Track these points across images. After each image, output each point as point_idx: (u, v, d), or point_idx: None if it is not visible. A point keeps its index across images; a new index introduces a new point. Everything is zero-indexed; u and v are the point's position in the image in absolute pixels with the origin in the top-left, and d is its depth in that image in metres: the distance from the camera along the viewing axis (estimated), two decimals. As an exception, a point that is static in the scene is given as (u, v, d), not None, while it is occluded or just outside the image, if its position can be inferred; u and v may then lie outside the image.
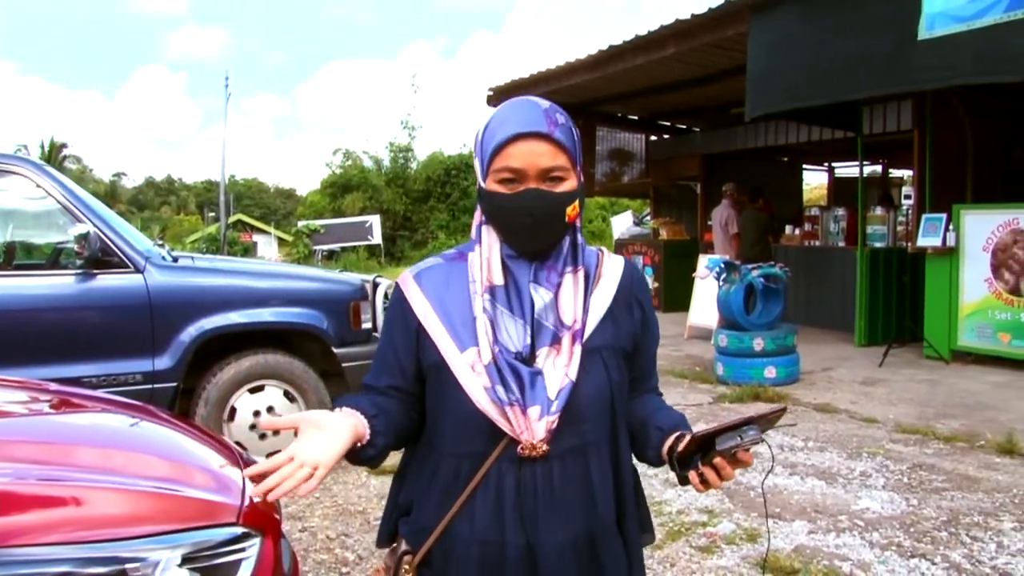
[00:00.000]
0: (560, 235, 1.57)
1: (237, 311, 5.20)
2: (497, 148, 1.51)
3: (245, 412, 5.20)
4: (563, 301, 1.56)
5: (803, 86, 8.10)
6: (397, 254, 32.56)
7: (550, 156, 1.51)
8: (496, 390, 1.48)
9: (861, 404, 7.17)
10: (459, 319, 1.55)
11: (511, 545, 1.51)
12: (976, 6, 6.58)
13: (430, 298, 1.59)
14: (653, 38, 9.95)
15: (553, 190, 1.52)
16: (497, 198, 1.52)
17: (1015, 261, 8.34)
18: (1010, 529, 4.23)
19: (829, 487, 4.97)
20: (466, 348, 1.52)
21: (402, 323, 1.61)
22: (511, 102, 1.59)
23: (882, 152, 15.43)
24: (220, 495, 2.15)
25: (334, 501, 4.96)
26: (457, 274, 1.60)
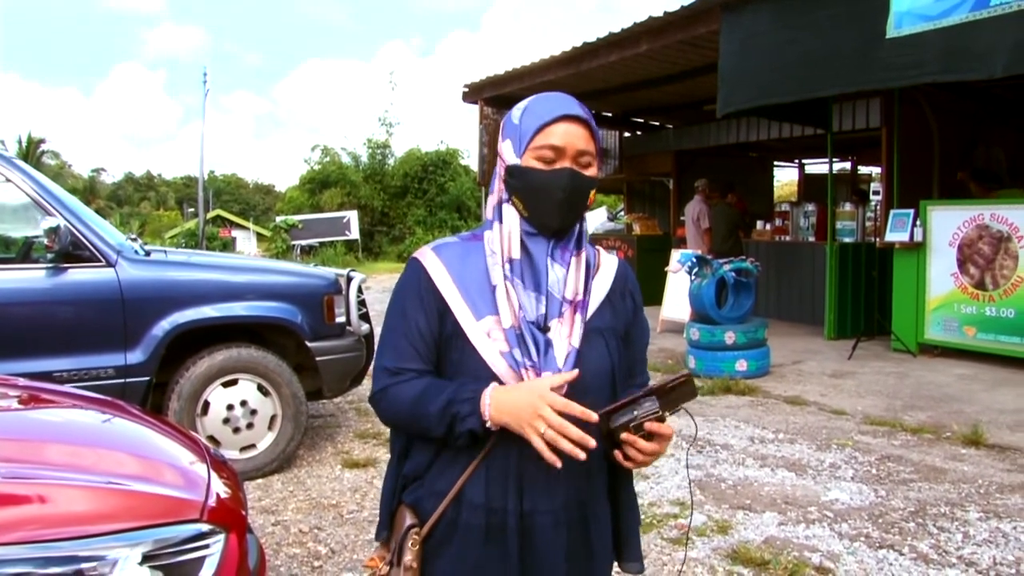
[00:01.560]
0: (580, 215, 1.71)
1: (210, 305, 5.16)
2: (542, 126, 1.63)
3: (218, 406, 5.17)
4: (570, 278, 1.67)
5: (774, 83, 8.16)
6: (375, 249, 32.64)
7: (585, 140, 1.65)
8: (513, 354, 1.59)
9: (830, 396, 7.24)
10: (476, 289, 1.65)
11: (512, 513, 1.60)
12: (942, 5, 6.66)
13: (449, 269, 1.68)
14: (627, 35, 9.99)
15: (584, 172, 1.66)
16: (534, 173, 1.63)
17: (980, 256, 8.47)
18: (976, 519, 4.30)
19: (799, 479, 5.03)
20: (482, 316, 1.62)
21: (419, 300, 1.68)
22: (548, 93, 1.72)
23: (851, 149, 15.59)
24: (183, 491, 2.12)
25: (307, 495, 4.95)
26: (473, 250, 1.70)
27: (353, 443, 5.97)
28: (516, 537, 1.60)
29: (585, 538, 1.69)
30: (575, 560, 1.67)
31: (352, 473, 5.29)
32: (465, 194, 34.67)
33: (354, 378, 5.86)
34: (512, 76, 12.74)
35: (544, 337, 1.61)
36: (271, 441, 5.32)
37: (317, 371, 5.49)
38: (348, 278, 5.93)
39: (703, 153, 14.63)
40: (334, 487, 5.06)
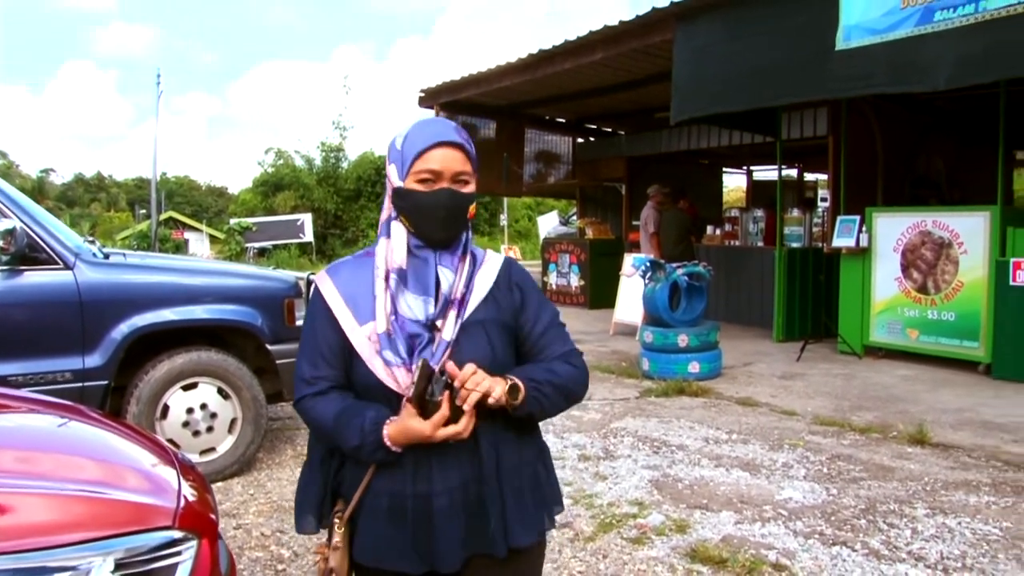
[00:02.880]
0: (462, 228, 1.91)
1: (170, 308, 5.14)
2: (420, 152, 1.83)
3: (178, 410, 5.15)
4: (457, 281, 1.89)
5: (726, 93, 8.34)
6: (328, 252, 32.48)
7: (461, 162, 1.86)
8: (384, 354, 1.82)
9: (781, 397, 7.41)
10: (361, 300, 1.87)
11: (410, 496, 1.83)
12: (889, 20, 6.89)
13: (338, 286, 1.91)
14: (582, 43, 10.11)
15: (461, 191, 1.87)
16: (416, 195, 1.85)
17: (923, 261, 8.74)
18: (923, 515, 4.46)
19: (753, 478, 5.15)
20: (364, 323, 1.85)
21: (324, 315, 1.91)
22: (425, 120, 1.94)
23: (798, 156, 15.93)
24: (154, 497, 2.07)
25: (268, 498, 4.95)
26: (363, 266, 1.92)
27: (313, 446, 5.98)
28: (416, 515, 1.82)
29: (481, 510, 1.86)
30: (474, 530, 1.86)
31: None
32: (418, 197, 34.70)
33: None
34: (468, 81, 12.82)
35: (426, 335, 1.83)
36: (231, 444, 5.32)
37: (277, 374, 5.49)
38: (308, 281, 5.94)
39: (655, 159, 14.83)
40: (295, 489, 5.05)
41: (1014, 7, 6.11)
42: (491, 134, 15.57)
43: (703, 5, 8.34)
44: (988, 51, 6.30)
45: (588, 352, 9.75)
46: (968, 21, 6.39)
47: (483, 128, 15.42)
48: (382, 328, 1.83)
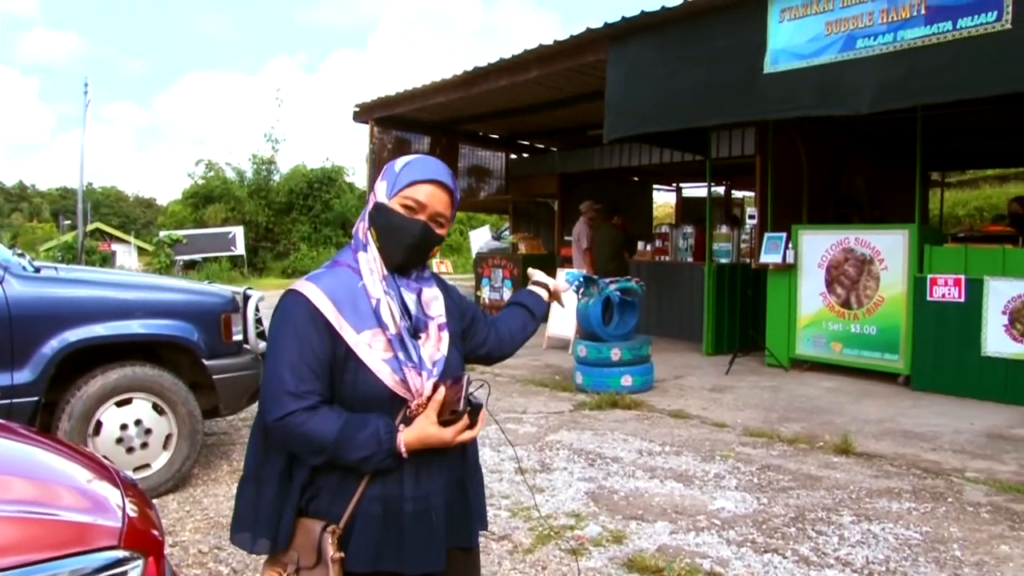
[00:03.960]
0: (422, 261, 2.03)
1: (103, 323, 5.07)
2: (414, 181, 1.96)
3: (112, 426, 5.07)
4: (426, 300, 2.02)
5: (658, 112, 8.52)
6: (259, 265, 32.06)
7: (445, 205, 1.99)
8: (398, 356, 1.87)
9: (711, 410, 7.57)
10: (351, 308, 1.88)
11: (407, 499, 1.89)
12: (814, 45, 7.15)
13: (328, 294, 1.89)
14: (517, 61, 10.22)
15: (435, 230, 1.99)
16: (395, 216, 1.95)
17: (846, 277, 9.04)
18: (849, 523, 4.63)
19: (687, 489, 5.27)
20: (362, 330, 1.87)
21: (311, 325, 1.87)
22: (428, 157, 2.07)
23: (726, 174, 16.28)
24: (97, 516, 2.00)
25: (205, 514, 4.90)
26: (341, 275, 1.95)
27: (250, 462, 5.93)
28: (413, 516, 1.89)
29: (465, 505, 2.04)
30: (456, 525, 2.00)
31: (250, 492, 5.26)
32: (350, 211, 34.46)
33: (251, 396, 5.84)
34: (403, 97, 12.84)
35: (416, 342, 1.93)
36: (166, 460, 5.26)
37: (213, 389, 5.45)
38: (245, 296, 5.91)
39: (587, 176, 15.03)
40: (232, 505, 5.00)
41: (929, 37, 6.41)
42: (425, 149, 15.60)
43: (635, 27, 8.52)
44: (906, 77, 6.59)
45: (522, 366, 9.84)
46: (888, 49, 6.68)
47: (417, 143, 15.43)
48: (393, 330, 1.88)
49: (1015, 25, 5.94)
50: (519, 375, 9.38)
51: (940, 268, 8.22)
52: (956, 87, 6.43)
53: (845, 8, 7.00)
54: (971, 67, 6.23)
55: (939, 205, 17.82)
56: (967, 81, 6.32)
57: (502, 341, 2.33)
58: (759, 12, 7.57)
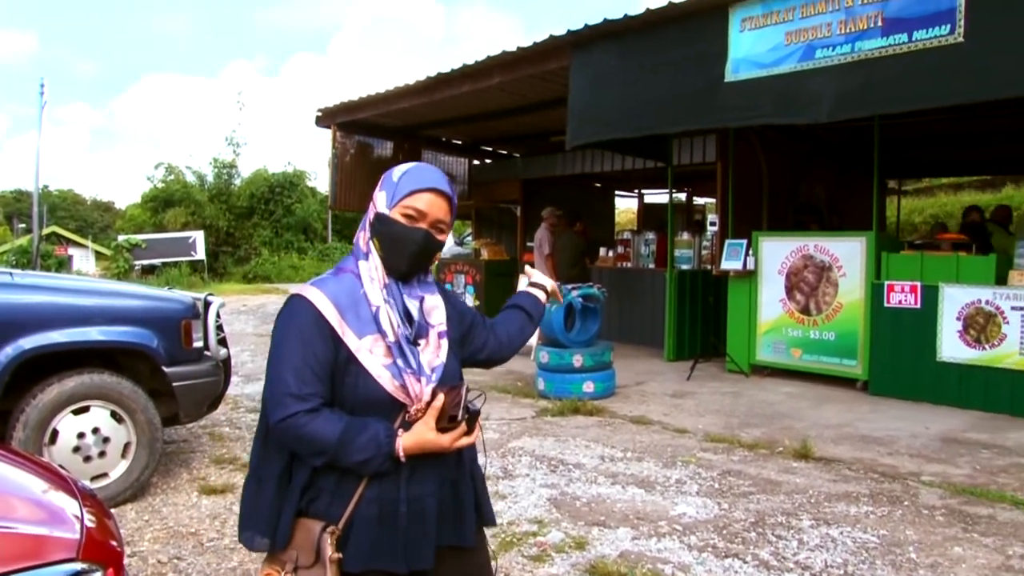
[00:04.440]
0: (425, 268, 2.08)
1: (60, 330, 4.97)
2: (413, 190, 2.00)
3: (68, 434, 4.97)
4: (427, 308, 2.06)
5: (620, 119, 8.57)
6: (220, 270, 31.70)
7: (444, 212, 2.04)
8: (397, 363, 1.92)
9: (673, 416, 7.62)
10: (353, 314, 1.94)
11: (402, 500, 1.94)
12: (774, 55, 7.25)
13: (331, 299, 1.94)
14: (480, 68, 10.22)
15: (436, 236, 2.04)
16: (397, 225, 1.99)
17: (805, 284, 9.15)
18: (808, 527, 4.68)
19: (648, 495, 5.30)
20: (363, 336, 1.92)
21: (315, 329, 1.92)
22: (425, 165, 2.11)
23: (687, 180, 16.37)
24: (54, 528, 1.98)
25: (164, 523, 4.83)
26: (344, 282, 1.99)
27: (209, 469, 5.87)
28: (408, 517, 1.94)
29: (456, 506, 2.06)
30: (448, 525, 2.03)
31: (210, 500, 5.21)
32: (312, 216, 34.27)
33: (211, 403, 5.79)
34: (366, 102, 12.80)
35: (415, 349, 1.98)
36: (124, 469, 5.17)
37: (173, 396, 5.37)
38: (206, 302, 5.84)
39: (549, 182, 15.06)
40: (192, 515, 4.96)
41: (885, 48, 6.53)
42: (387, 154, 15.56)
43: (598, 34, 8.57)
44: (864, 88, 6.70)
45: (484, 373, 9.81)
46: (846, 59, 6.78)
47: (379, 148, 15.39)
48: (391, 337, 1.93)
49: (967, 38, 6.08)
50: (481, 381, 9.37)
51: (897, 275, 8.35)
52: (912, 98, 6.55)
53: (804, 19, 7.10)
54: (926, 78, 6.35)
55: (896, 212, 18.09)
56: (922, 92, 6.44)
57: (501, 345, 2.35)
58: (720, 21, 7.66)
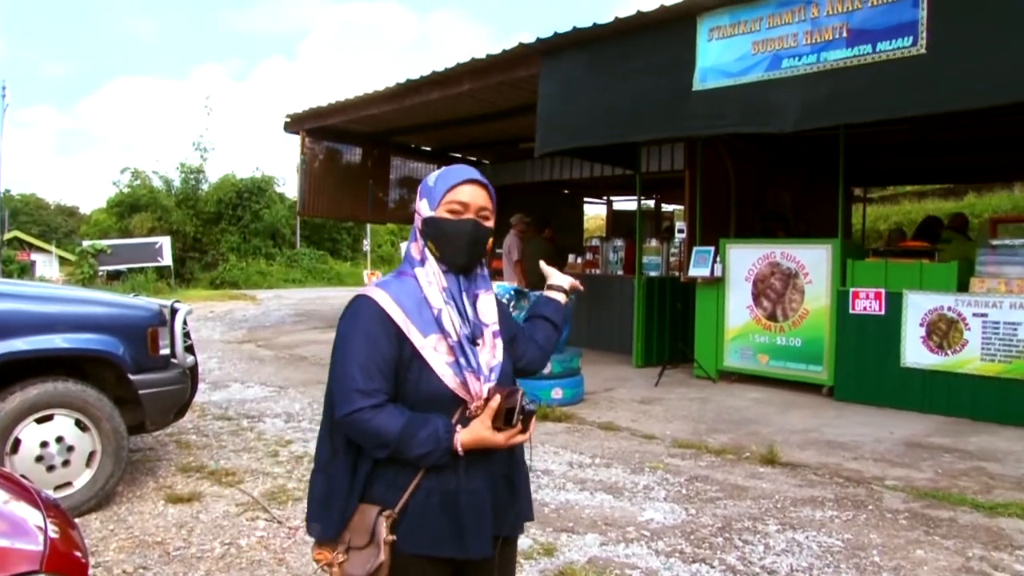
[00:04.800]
0: (481, 256, 2.18)
1: (24, 337, 4.91)
2: (452, 186, 2.11)
3: (31, 443, 4.90)
4: (481, 307, 2.17)
5: (588, 127, 8.63)
6: (187, 276, 31.32)
7: (484, 199, 2.14)
8: (459, 361, 2.03)
9: (641, 422, 7.66)
10: (417, 314, 2.05)
11: (463, 491, 2.04)
12: (742, 64, 7.33)
13: (396, 300, 2.05)
14: (450, 75, 10.24)
15: (483, 223, 2.14)
16: (445, 222, 2.10)
17: (772, 290, 9.25)
18: (774, 531, 4.73)
19: (616, 500, 5.32)
20: (428, 335, 2.03)
21: (380, 328, 2.03)
22: (457, 165, 2.21)
23: (656, 188, 16.51)
24: (15, 540, 1.94)
25: (129, 533, 4.78)
26: (406, 284, 2.11)
27: (176, 477, 5.81)
28: (469, 505, 2.04)
29: (512, 498, 2.18)
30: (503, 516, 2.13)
31: (176, 508, 5.15)
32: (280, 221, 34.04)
33: (178, 411, 5.74)
34: (335, 108, 12.77)
35: (474, 348, 2.07)
36: (89, 478, 5.09)
37: (140, 404, 5.33)
38: (173, 309, 5.79)
39: (518, 189, 15.10)
40: (158, 524, 4.91)
41: (850, 59, 6.63)
42: (356, 160, 15.53)
43: (567, 42, 8.62)
44: (829, 97, 6.79)
45: (455, 379, 9.81)
46: (812, 69, 6.87)
47: (348, 154, 15.36)
48: (454, 337, 2.04)
49: (930, 50, 6.19)
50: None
51: (862, 282, 8.46)
52: (876, 108, 6.65)
53: (771, 29, 7.19)
54: (889, 89, 6.45)
55: (862, 220, 18.32)
56: (886, 102, 6.54)
57: (536, 356, 2.42)
58: (688, 31, 7.73)
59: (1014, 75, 5.87)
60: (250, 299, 23.05)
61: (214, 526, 4.85)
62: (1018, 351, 7.37)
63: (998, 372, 7.49)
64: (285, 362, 11.63)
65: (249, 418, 7.73)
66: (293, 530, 4.75)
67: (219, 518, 4.97)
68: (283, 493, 5.43)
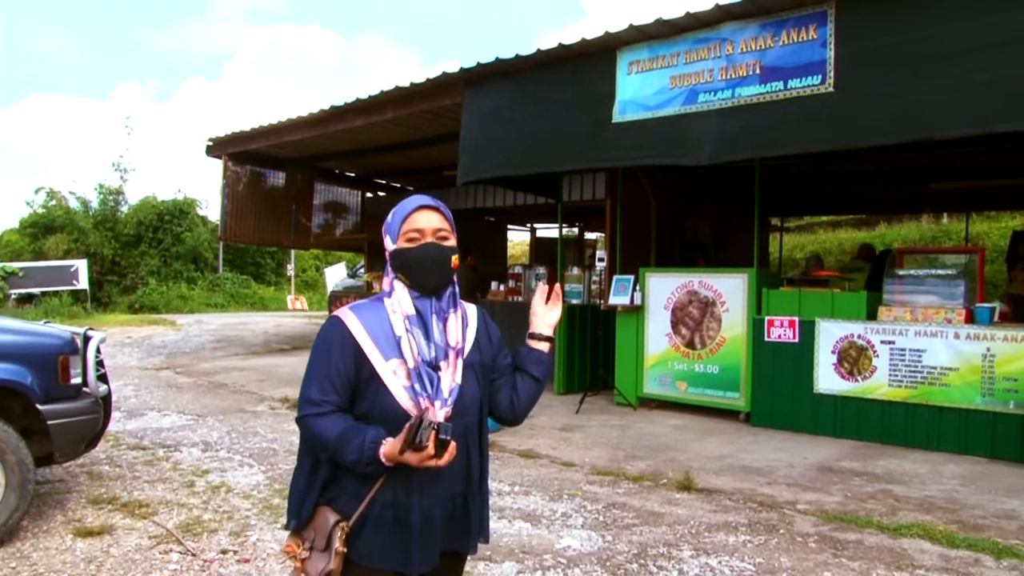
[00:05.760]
0: (449, 276, 2.31)
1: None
2: (405, 216, 2.27)
3: (-71, 477, 4.75)
4: (450, 329, 2.28)
5: (510, 156, 8.73)
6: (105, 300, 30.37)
7: (439, 221, 2.29)
8: (414, 387, 2.17)
9: (560, 449, 7.70)
10: (383, 339, 2.21)
11: (415, 507, 2.19)
12: (659, 98, 7.52)
13: (364, 324, 2.23)
14: (374, 102, 10.27)
15: (442, 243, 2.28)
16: (406, 252, 2.26)
17: (690, 319, 9.43)
18: (688, 557, 4.81)
19: (534, 528, 5.35)
20: (389, 359, 2.19)
21: (341, 347, 2.21)
22: (409, 198, 2.35)
23: (578, 216, 16.72)
24: None
25: (34, 570, 4.61)
26: (378, 310, 2.27)
27: (86, 510, 5.63)
28: (419, 521, 2.19)
29: (465, 518, 2.32)
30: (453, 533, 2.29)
31: (85, 543, 5.00)
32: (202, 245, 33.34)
33: (89, 442, 5.58)
34: (258, 133, 12.68)
35: (436, 375, 2.20)
36: (-9, 513, 4.94)
37: (48, 435, 5.17)
38: (86, 337, 5.66)
39: (443, 215, 15.11)
40: (65, 559, 4.75)
41: (763, 95, 6.86)
42: (280, 185, 15.41)
43: (490, 72, 8.72)
44: (743, 132, 7.02)
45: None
46: (727, 104, 7.09)
47: (272, 179, 15.25)
48: (411, 363, 2.18)
49: (837, 89, 6.45)
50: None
51: (776, 310, 8.69)
52: (787, 143, 6.88)
53: (688, 64, 7.40)
54: (800, 125, 6.69)
55: (779, 248, 18.80)
56: (796, 137, 6.78)
57: (516, 411, 2.48)
58: (608, 64, 7.90)
59: (911, 116, 6.17)
60: (170, 324, 22.53)
61: (125, 560, 4.72)
62: (923, 377, 7.64)
63: (905, 397, 7.75)
64: (204, 389, 11.40)
65: (165, 447, 7.56)
66: (208, 562, 4.66)
67: (130, 552, 4.84)
68: (198, 524, 5.32)
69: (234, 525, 5.32)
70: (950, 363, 7.51)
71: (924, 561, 4.74)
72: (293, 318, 26.04)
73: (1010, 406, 7.19)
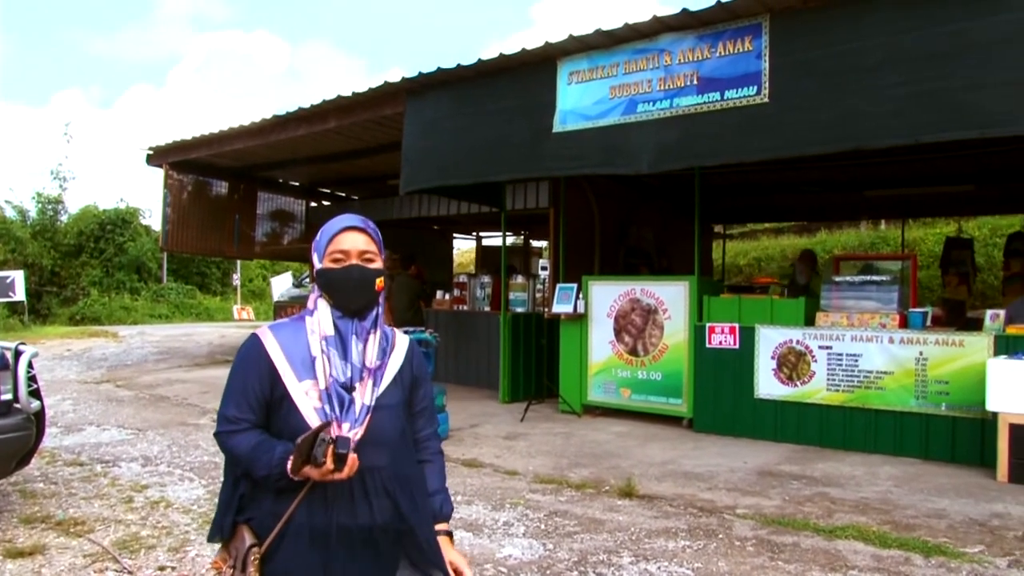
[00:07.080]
0: (373, 298, 2.26)
1: None
2: (331, 237, 2.24)
3: None
4: (368, 350, 2.24)
5: (452, 166, 8.75)
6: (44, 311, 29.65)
7: (365, 243, 2.25)
8: (324, 409, 2.14)
9: (504, 458, 7.72)
10: (299, 360, 2.19)
11: (332, 525, 2.13)
12: (599, 108, 7.59)
13: (281, 344, 2.21)
14: (316, 111, 10.22)
15: (367, 266, 2.23)
16: (331, 272, 2.22)
17: (633, 326, 9.51)
18: (628, 564, 4.84)
19: (475, 538, 5.35)
20: (303, 380, 2.17)
21: (257, 366, 2.20)
22: (342, 215, 2.32)
23: (523, 224, 16.78)
24: None
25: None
26: (299, 330, 2.25)
27: (17, 530, 5.49)
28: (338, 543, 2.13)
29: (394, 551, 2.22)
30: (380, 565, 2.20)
31: (16, 564, 4.87)
32: (146, 255, 32.75)
33: (21, 459, 5.47)
34: (200, 142, 12.54)
35: (348, 396, 2.16)
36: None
37: (-27, 455, 5.08)
38: (17, 352, 5.54)
39: (388, 225, 14.98)
40: (-5, 580, 4.67)
41: (701, 105, 6.97)
42: (223, 193, 15.24)
43: (431, 82, 8.73)
44: (681, 141, 7.11)
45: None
46: (665, 114, 7.18)
47: (216, 188, 15.07)
48: (322, 384, 2.15)
49: (772, 100, 6.58)
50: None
51: (717, 317, 8.81)
52: (724, 152, 6.99)
53: (627, 74, 7.48)
54: (736, 134, 6.80)
55: (722, 255, 19.05)
56: (734, 147, 6.89)
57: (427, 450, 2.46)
58: (549, 74, 7.96)
59: (842, 126, 6.32)
60: (111, 336, 22.11)
61: (56, 579, 4.63)
62: (859, 381, 7.80)
63: (842, 401, 7.91)
64: (145, 403, 11.21)
65: (103, 463, 7.42)
66: (141, 580, 4.59)
67: (63, 571, 4.74)
68: (136, 541, 5.23)
69: (173, 541, 5.25)
70: (885, 367, 7.68)
71: (857, 562, 4.84)
72: (239, 328, 25.74)
73: (942, 408, 7.38)
